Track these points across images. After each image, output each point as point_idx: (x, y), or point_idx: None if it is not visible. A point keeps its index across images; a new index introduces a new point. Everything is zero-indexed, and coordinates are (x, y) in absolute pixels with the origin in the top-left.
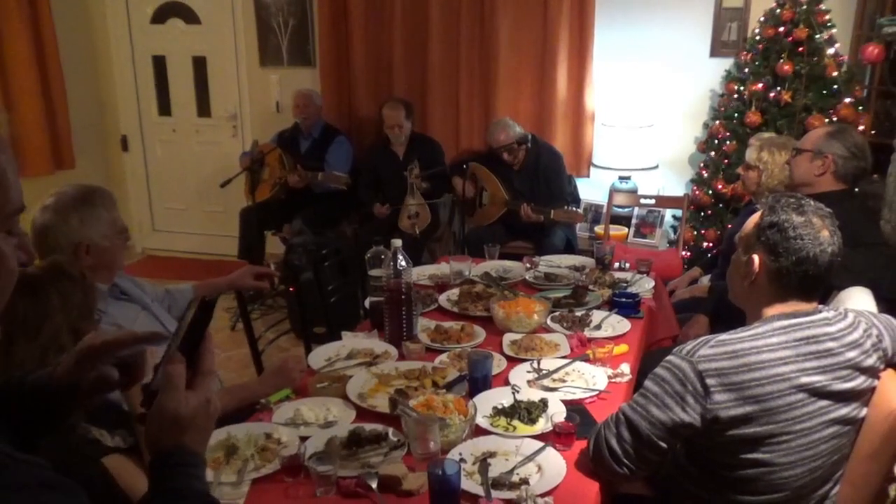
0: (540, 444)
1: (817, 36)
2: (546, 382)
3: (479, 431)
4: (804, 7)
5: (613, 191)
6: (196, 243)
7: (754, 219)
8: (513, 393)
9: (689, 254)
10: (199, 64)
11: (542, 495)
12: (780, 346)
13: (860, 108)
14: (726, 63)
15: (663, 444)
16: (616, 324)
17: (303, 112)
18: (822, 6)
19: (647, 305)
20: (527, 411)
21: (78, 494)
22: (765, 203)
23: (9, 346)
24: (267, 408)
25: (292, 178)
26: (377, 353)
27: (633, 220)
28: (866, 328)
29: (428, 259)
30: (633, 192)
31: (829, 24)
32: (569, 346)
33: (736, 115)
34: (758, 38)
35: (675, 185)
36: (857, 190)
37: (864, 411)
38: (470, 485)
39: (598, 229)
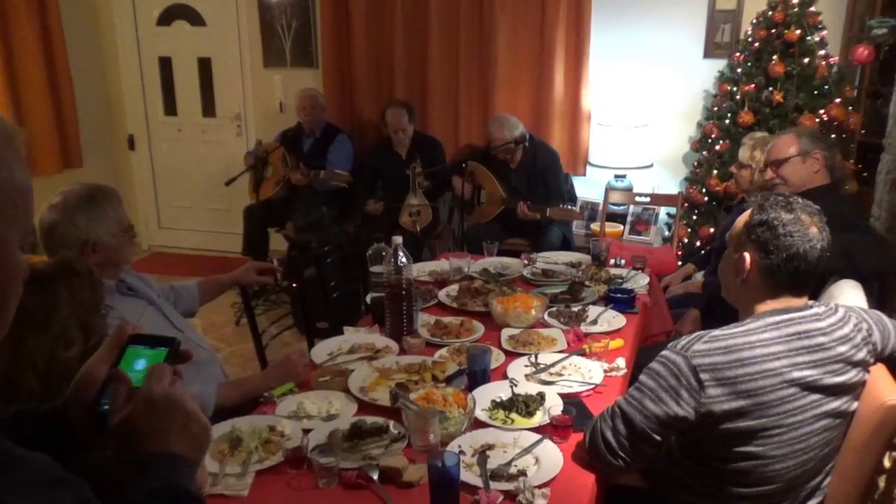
0: (537, 436)
1: (808, 37)
2: (543, 376)
3: (477, 424)
4: (795, 9)
5: (609, 189)
6: (201, 240)
7: (744, 217)
8: (511, 386)
9: (682, 251)
10: (205, 65)
11: (540, 486)
12: (773, 341)
13: (850, 108)
14: (719, 64)
15: (658, 437)
16: (612, 319)
17: (309, 113)
18: (814, 8)
19: (642, 301)
20: (524, 404)
21: (83, 489)
22: (754, 201)
23: (19, 341)
24: (271, 401)
25: (295, 175)
26: (378, 347)
27: (629, 218)
28: (856, 323)
29: (428, 256)
30: (629, 190)
31: (819, 26)
32: (565, 340)
33: (729, 114)
34: (750, 39)
35: (670, 183)
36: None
37: (855, 405)
38: (469, 476)
39: (594, 226)
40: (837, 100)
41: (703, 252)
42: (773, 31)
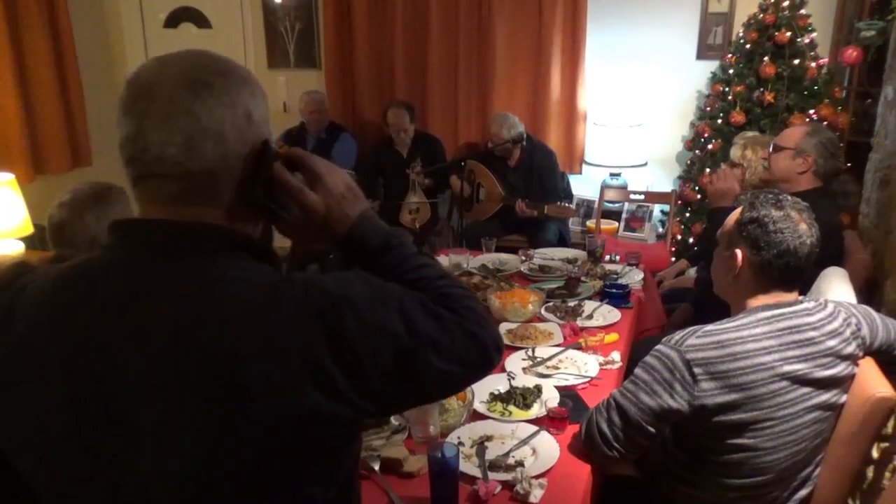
0: (534, 428)
1: (798, 39)
2: (540, 369)
3: (476, 416)
4: (786, 12)
5: (604, 187)
6: None
7: (735, 215)
8: (509, 379)
9: (676, 247)
10: None
11: (537, 477)
12: (764, 336)
13: (839, 108)
14: (712, 65)
15: (652, 429)
16: (607, 313)
17: (315, 116)
18: (803, 11)
19: (637, 296)
20: (522, 397)
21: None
22: (744, 199)
23: None
24: None
25: None
26: None
27: (623, 215)
28: (846, 317)
29: (428, 252)
30: (624, 188)
31: (809, 28)
32: (562, 334)
33: (721, 114)
34: (742, 41)
35: (664, 181)
36: (831, 188)
37: (844, 397)
38: (468, 467)
39: (590, 223)
40: (827, 100)
41: (696, 248)
42: (765, 33)
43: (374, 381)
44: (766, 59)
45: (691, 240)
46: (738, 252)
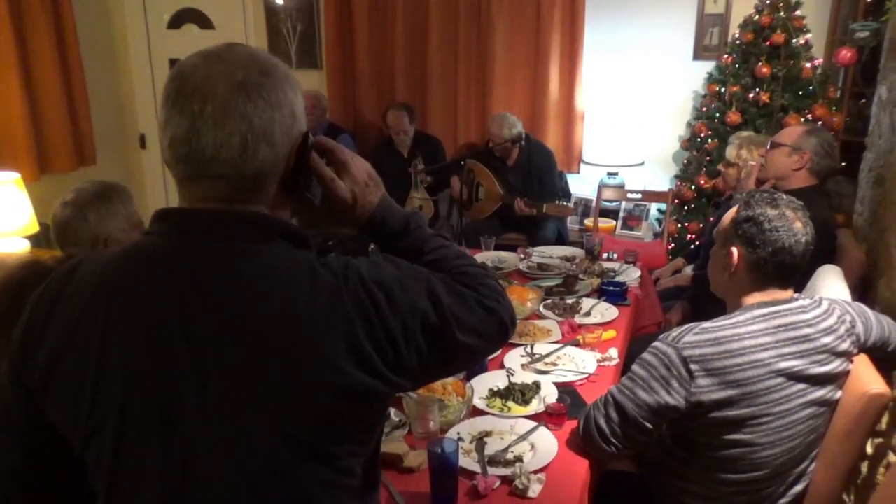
0: (533, 423)
1: (794, 40)
2: (539, 366)
3: (475, 412)
4: (781, 13)
5: (602, 186)
6: None
7: (731, 213)
8: (507, 376)
9: (672, 245)
10: None
11: (535, 472)
12: (760, 333)
13: (834, 108)
14: (708, 66)
15: (649, 425)
16: (604, 311)
17: (310, 113)
18: (799, 12)
19: (634, 293)
20: (521, 393)
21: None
22: (740, 198)
23: None
24: None
25: None
26: None
27: (621, 214)
28: (840, 315)
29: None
30: (621, 187)
31: (804, 30)
32: (560, 331)
33: (717, 114)
34: (738, 42)
35: (661, 180)
36: (825, 187)
37: (839, 394)
38: (467, 462)
39: (588, 222)
40: (822, 100)
41: (692, 247)
42: (760, 34)
43: (407, 358)
44: (761, 59)
45: (688, 238)
46: (734, 250)
